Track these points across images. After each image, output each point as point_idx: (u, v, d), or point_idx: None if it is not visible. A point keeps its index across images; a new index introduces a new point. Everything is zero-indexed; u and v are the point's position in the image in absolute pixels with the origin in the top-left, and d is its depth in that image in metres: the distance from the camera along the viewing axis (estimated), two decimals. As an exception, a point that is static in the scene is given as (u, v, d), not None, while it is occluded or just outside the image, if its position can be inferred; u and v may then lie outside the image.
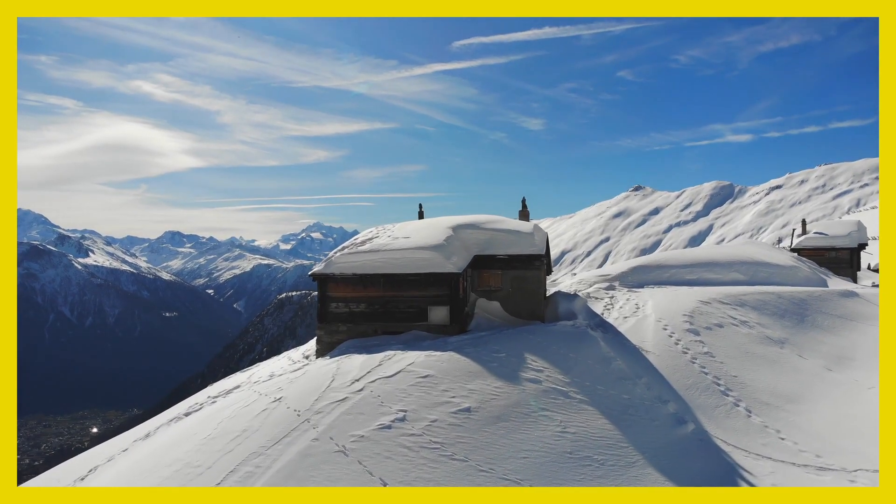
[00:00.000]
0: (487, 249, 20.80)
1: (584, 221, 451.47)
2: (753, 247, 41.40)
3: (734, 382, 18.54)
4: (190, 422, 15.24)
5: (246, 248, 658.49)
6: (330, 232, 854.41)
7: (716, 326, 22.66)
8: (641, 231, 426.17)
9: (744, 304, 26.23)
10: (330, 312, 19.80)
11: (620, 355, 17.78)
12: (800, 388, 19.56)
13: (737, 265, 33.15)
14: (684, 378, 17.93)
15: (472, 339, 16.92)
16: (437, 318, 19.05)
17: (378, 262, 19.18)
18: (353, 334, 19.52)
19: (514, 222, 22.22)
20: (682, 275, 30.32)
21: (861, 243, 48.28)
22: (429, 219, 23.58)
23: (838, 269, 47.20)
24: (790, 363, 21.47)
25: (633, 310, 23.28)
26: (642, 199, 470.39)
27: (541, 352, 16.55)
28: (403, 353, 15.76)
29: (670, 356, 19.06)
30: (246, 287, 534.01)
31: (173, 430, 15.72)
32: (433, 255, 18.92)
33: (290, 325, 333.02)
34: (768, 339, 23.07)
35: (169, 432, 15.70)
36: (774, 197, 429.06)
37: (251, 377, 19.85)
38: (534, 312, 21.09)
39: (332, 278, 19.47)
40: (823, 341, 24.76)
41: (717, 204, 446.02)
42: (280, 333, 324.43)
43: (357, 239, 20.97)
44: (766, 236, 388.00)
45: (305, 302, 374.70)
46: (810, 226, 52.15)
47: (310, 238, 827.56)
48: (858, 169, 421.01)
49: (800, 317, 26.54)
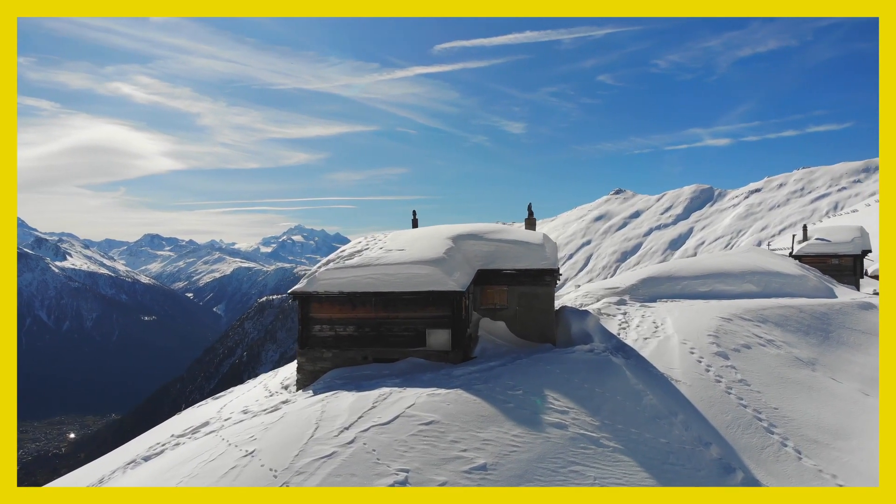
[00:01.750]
0: (492, 263, 18.34)
1: (565, 224, 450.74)
2: (759, 255, 39.36)
3: (776, 416, 16.32)
4: (144, 474, 12.67)
5: (226, 251, 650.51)
6: (311, 235, 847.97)
7: (743, 348, 20.47)
8: (622, 234, 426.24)
9: (766, 320, 24.08)
10: (313, 336, 17.25)
11: (650, 387, 15.43)
12: (843, 419, 17.44)
13: (749, 275, 31.04)
14: (722, 413, 15.68)
15: (480, 372, 14.45)
16: (436, 342, 16.58)
17: (369, 278, 16.67)
18: (340, 362, 16.99)
19: (521, 232, 19.78)
20: (694, 286, 28.13)
21: (864, 250, 46.50)
22: (424, 228, 21.10)
23: (841, 276, 45.39)
24: (826, 388, 19.33)
25: (653, 329, 21.00)
26: (623, 203, 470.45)
27: (562, 387, 14.14)
28: (401, 390, 13.26)
29: (703, 386, 16.80)
30: (226, 290, 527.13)
31: (127, 480, 13.18)
32: (432, 271, 16.44)
33: (271, 328, 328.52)
34: (798, 361, 20.93)
35: (122, 482, 13.18)
36: (754, 200, 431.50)
37: (222, 411, 17.25)
38: (544, 334, 18.68)
39: (316, 297, 16.93)
40: (853, 360, 22.71)
41: (697, 207, 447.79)
42: (261, 337, 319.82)
43: (344, 251, 18.43)
44: (745, 239, 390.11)
45: (286, 305, 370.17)
46: (810, 231, 50.34)
47: (291, 241, 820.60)
48: (836, 172, 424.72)
49: (824, 333, 24.46)
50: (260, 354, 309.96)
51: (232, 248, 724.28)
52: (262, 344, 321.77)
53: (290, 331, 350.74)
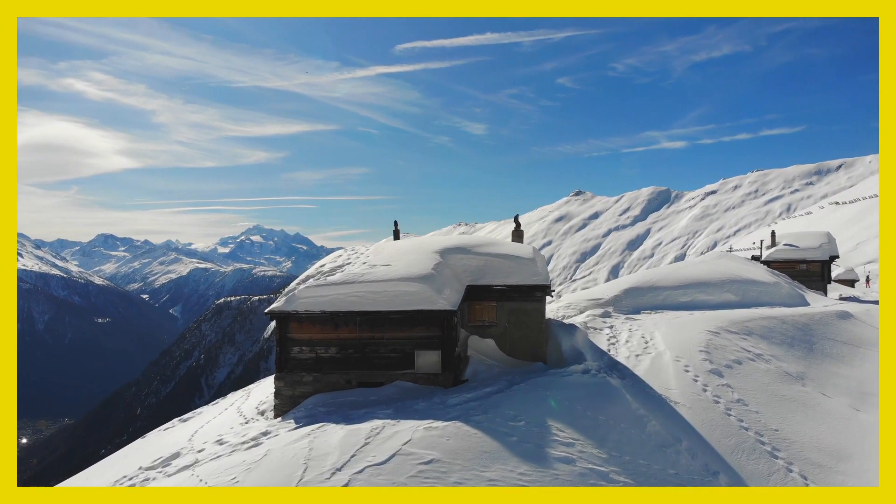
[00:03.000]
0: (482, 279, 17.41)
1: (527, 225, 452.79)
2: (731, 261, 39.29)
3: (777, 438, 15.78)
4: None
5: (182, 252, 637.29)
6: (270, 235, 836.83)
7: (734, 363, 19.98)
8: (582, 235, 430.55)
9: (751, 332, 23.72)
10: (292, 359, 16.10)
11: (651, 412, 14.72)
12: (840, 438, 17.01)
13: (727, 285, 30.81)
14: (725, 437, 15.05)
15: (477, 400, 13.51)
16: (425, 364, 15.59)
17: (353, 296, 15.59)
18: (322, 386, 15.88)
19: (510, 245, 18.91)
20: (675, 297, 27.70)
21: (832, 255, 46.94)
22: (408, 240, 20.08)
23: (809, 281, 45.73)
24: (819, 405, 18.94)
25: (643, 345, 20.36)
26: (583, 204, 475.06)
27: (565, 415, 13.31)
28: (394, 423, 12.25)
29: (702, 407, 16.17)
30: (182, 292, 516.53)
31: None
32: (421, 288, 15.45)
33: (229, 331, 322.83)
34: (788, 376, 20.54)
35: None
36: (709, 202, 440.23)
37: (193, 439, 16.00)
38: (535, 352, 17.85)
39: (296, 317, 15.79)
40: (838, 374, 22.46)
41: (655, 209, 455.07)
42: (218, 340, 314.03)
43: (324, 266, 17.30)
44: (701, 240, 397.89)
45: (245, 307, 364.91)
46: (778, 236, 50.73)
47: (249, 241, 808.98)
48: (789, 175, 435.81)
49: (808, 345, 24.21)
50: (218, 357, 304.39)
51: (188, 249, 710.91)
52: (219, 347, 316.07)
53: (248, 333, 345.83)
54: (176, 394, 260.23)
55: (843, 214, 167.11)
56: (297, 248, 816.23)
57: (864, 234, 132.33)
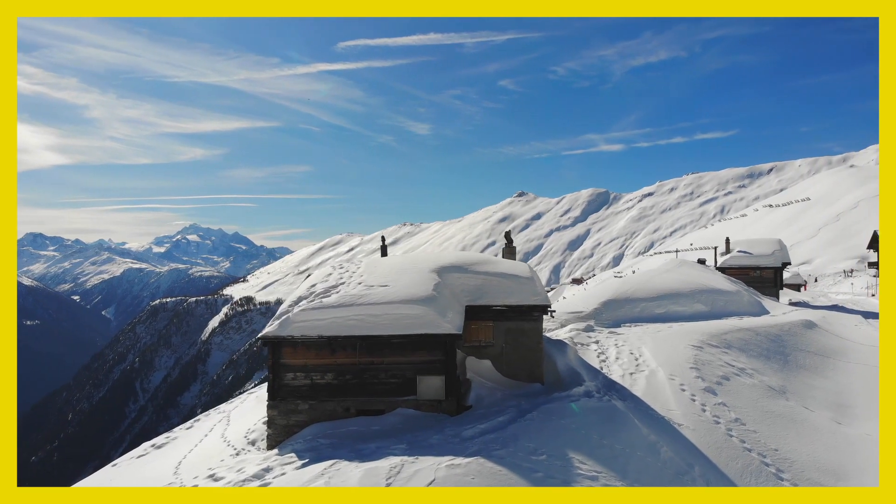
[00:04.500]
0: (481, 299, 16.88)
1: (471, 226, 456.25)
2: (692, 269, 39.91)
3: (779, 458, 15.80)
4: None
5: (115, 252, 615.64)
6: (208, 234, 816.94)
7: (723, 379, 20.07)
8: (525, 235, 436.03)
9: (730, 345, 23.97)
10: (285, 386, 15.23)
11: (661, 437, 14.50)
12: (834, 455, 17.19)
13: (697, 295, 31.20)
14: (731, 460, 14.98)
15: (494, 432, 12.97)
16: (429, 391, 14.97)
17: (352, 319, 14.84)
18: (318, 414, 15.07)
19: (506, 263, 18.44)
20: (651, 308, 27.84)
21: (784, 262, 48.31)
22: (399, 257, 19.36)
23: (763, 287, 46.95)
24: (806, 420, 19.16)
25: (634, 362, 20.23)
26: (526, 205, 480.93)
27: (583, 445, 12.92)
28: (413, 460, 11.60)
29: (705, 429, 16.08)
30: (116, 293, 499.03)
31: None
32: (424, 311, 14.81)
33: (165, 333, 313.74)
34: (772, 390, 20.77)
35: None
36: (646, 203, 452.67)
37: (179, 471, 14.96)
38: (532, 372, 17.44)
39: (290, 341, 14.94)
40: (814, 385, 22.87)
41: (594, 210, 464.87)
42: (154, 343, 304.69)
43: (315, 286, 16.44)
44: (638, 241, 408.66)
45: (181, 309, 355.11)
46: (732, 243, 51.91)
47: (186, 240, 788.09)
48: (723, 178, 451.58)
49: (783, 357, 24.64)
50: (153, 360, 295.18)
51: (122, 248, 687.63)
52: (155, 349, 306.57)
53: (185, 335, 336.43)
54: (109, 398, 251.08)
55: (776, 217, 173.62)
56: (236, 247, 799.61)
57: (798, 235, 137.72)
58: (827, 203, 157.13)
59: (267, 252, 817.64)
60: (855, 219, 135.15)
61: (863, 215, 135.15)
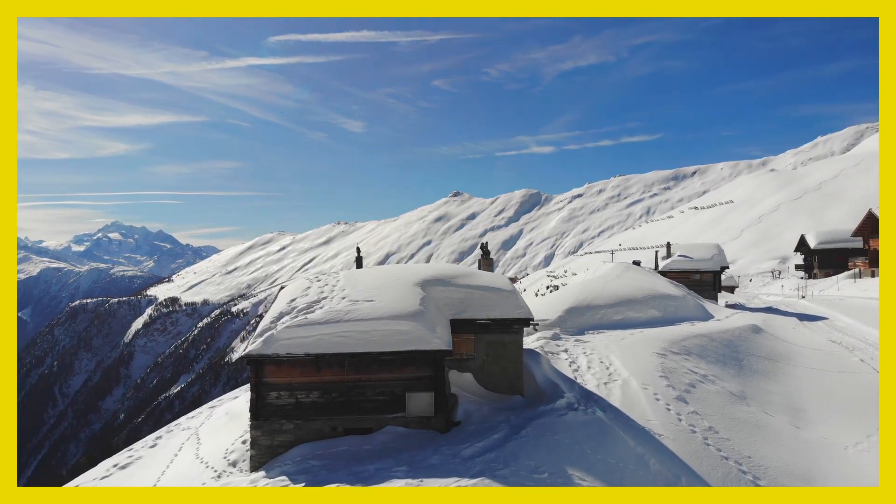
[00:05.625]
0: (464, 312, 16.79)
1: (407, 225, 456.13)
2: (638, 273, 40.97)
3: (753, 466, 16.34)
4: None
5: (32, 250, 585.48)
6: (130, 232, 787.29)
7: (690, 387, 20.65)
8: (460, 235, 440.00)
9: (690, 352, 24.68)
10: (269, 405, 14.76)
11: (648, 449, 14.78)
12: (800, 461, 17.86)
13: (650, 300, 32.02)
14: (713, 469, 15.39)
15: (492, 450, 12.92)
16: (418, 407, 14.79)
17: (340, 336, 14.50)
18: (304, 434, 14.67)
19: (487, 276, 18.42)
20: (610, 315, 28.42)
21: (723, 266, 50.15)
22: (377, 269, 19.05)
23: (702, 290, 48.61)
24: (768, 426, 19.88)
25: (605, 371, 20.57)
26: (461, 205, 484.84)
27: (580, 461, 13.03)
28: (418, 484, 11.43)
29: (683, 438, 16.48)
30: (32, 293, 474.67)
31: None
32: (413, 327, 14.63)
33: (85, 335, 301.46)
34: (733, 396, 21.49)
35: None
36: (576, 205, 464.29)
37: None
38: (513, 385, 17.48)
39: (275, 360, 14.49)
40: (768, 390, 23.76)
41: (527, 210, 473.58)
42: (73, 345, 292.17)
43: (295, 301, 15.99)
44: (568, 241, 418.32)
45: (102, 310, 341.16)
46: (672, 248, 53.53)
47: (107, 239, 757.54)
48: (649, 180, 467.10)
49: (737, 362, 25.53)
50: (73, 364, 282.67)
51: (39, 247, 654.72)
52: (74, 352, 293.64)
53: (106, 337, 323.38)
54: (26, 404, 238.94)
55: (701, 218, 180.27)
56: (160, 246, 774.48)
57: (722, 237, 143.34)
58: (749, 206, 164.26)
59: (193, 251, 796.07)
60: (776, 221, 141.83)
61: (783, 218, 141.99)
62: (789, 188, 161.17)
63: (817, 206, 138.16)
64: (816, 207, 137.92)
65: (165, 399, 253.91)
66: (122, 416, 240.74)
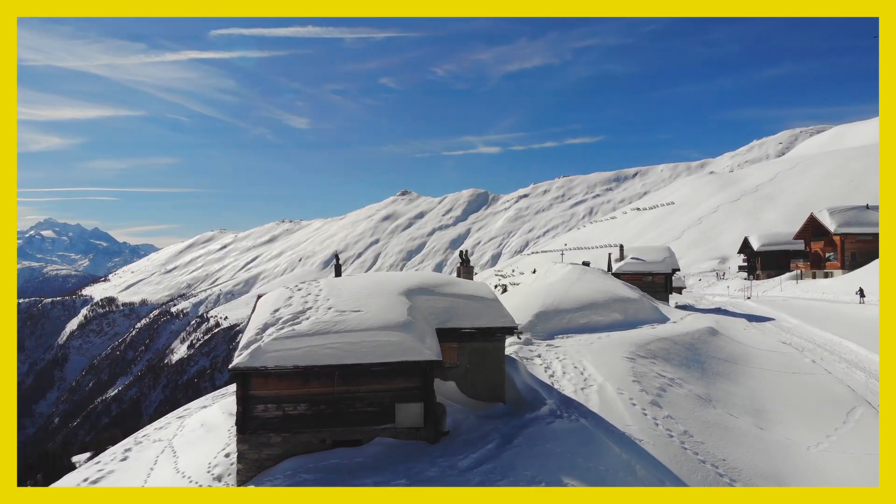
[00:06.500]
0: (449, 321, 16.81)
1: (354, 223, 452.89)
2: (597, 276, 41.73)
3: (728, 468, 16.85)
4: None
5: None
6: (65, 230, 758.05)
7: (661, 391, 21.16)
8: (408, 234, 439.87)
9: (655, 355, 25.29)
10: (256, 418, 14.48)
11: (632, 456, 15.10)
12: (769, 462, 18.50)
13: (612, 304, 32.67)
14: (692, 473, 15.83)
15: (489, 461, 12.99)
16: (407, 418, 14.74)
17: (329, 348, 14.33)
18: (292, 447, 14.44)
19: (469, 285, 18.48)
20: (576, 319, 28.89)
21: (674, 268, 51.51)
22: (359, 277, 18.83)
23: (655, 292, 49.90)
24: (736, 428, 20.54)
25: (580, 376, 20.90)
26: (409, 204, 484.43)
27: (573, 470, 13.23)
28: (419, 495, 11.40)
29: (662, 443, 16.89)
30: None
31: None
32: (403, 338, 14.57)
33: (17, 337, 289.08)
34: (700, 399, 22.11)
35: None
36: (522, 205, 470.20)
37: None
38: (496, 392, 17.61)
39: (263, 372, 14.22)
40: (730, 391, 24.53)
41: (474, 210, 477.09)
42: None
43: (279, 312, 15.72)
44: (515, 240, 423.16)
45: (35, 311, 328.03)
46: (626, 250, 54.68)
47: (40, 236, 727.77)
48: (592, 181, 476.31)
49: (699, 365, 26.27)
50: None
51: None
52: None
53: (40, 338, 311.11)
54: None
55: (643, 219, 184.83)
56: (96, 244, 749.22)
57: (664, 237, 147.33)
58: (690, 207, 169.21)
59: (130, 249, 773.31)
60: (715, 222, 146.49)
61: (722, 219, 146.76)
62: (728, 190, 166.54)
63: (755, 208, 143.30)
64: (754, 209, 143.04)
65: (102, 402, 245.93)
66: (56, 420, 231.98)
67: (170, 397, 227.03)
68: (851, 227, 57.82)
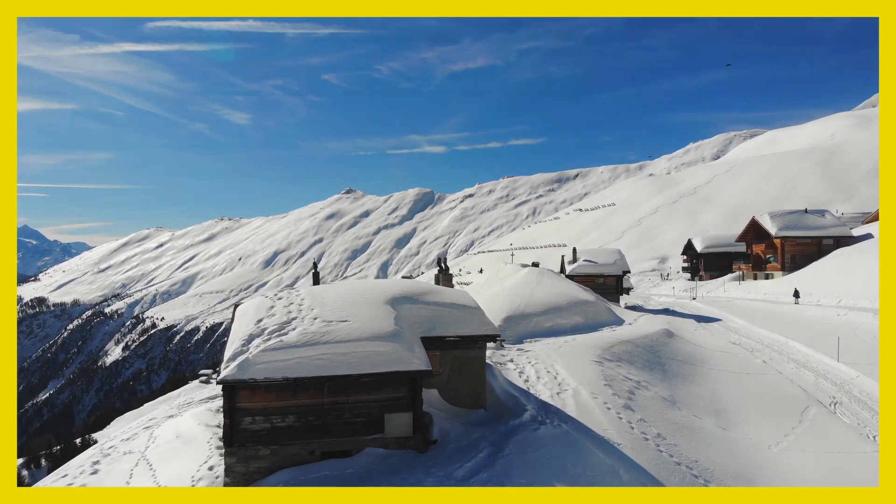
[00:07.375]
0: (433, 330, 16.86)
1: (297, 222, 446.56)
2: (555, 279, 42.39)
3: (701, 469, 17.46)
4: None
5: None
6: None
7: (630, 394, 21.73)
8: (353, 233, 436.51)
9: (620, 358, 25.93)
10: (243, 431, 14.23)
11: (614, 460, 15.50)
12: (738, 462, 19.12)
13: (573, 307, 33.29)
14: (670, 475, 16.34)
15: (484, 470, 13.11)
16: (396, 428, 14.74)
17: (318, 359, 14.20)
18: (280, 459, 14.26)
19: (452, 293, 18.55)
20: (541, 323, 29.33)
21: (625, 270, 52.74)
22: (340, 285, 18.64)
23: (607, 293, 51.01)
24: (702, 429, 21.25)
25: (554, 380, 21.28)
26: (354, 202, 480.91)
27: (565, 476, 13.51)
28: (424, 509, 11.47)
29: (640, 447, 17.38)
30: None
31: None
32: (393, 348, 14.57)
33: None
34: (665, 401, 22.78)
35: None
36: (468, 204, 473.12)
37: None
38: (477, 399, 17.77)
39: (251, 385, 14.00)
40: (691, 392, 25.37)
41: (420, 209, 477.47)
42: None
43: (262, 322, 15.47)
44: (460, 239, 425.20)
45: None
46: (578, 253, 55.65)
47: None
48: (535, 182, 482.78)
49: (661, 367, 27.06)
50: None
51: None
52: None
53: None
54: None
55: (585, 220, 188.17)
56: (26, 242, 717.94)
57: (605, 238, 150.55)
58: (630, 208, 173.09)
59: (62, 248, 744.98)
60: (654, 223, 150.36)
61: (661, 220, 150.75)
62: (667, 192, 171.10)
63: (693, 210, 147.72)
64: (692, 211, 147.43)
65: (33, 406, 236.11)
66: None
67: (104, 401, 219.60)
68: (791, 230, 60.45)
